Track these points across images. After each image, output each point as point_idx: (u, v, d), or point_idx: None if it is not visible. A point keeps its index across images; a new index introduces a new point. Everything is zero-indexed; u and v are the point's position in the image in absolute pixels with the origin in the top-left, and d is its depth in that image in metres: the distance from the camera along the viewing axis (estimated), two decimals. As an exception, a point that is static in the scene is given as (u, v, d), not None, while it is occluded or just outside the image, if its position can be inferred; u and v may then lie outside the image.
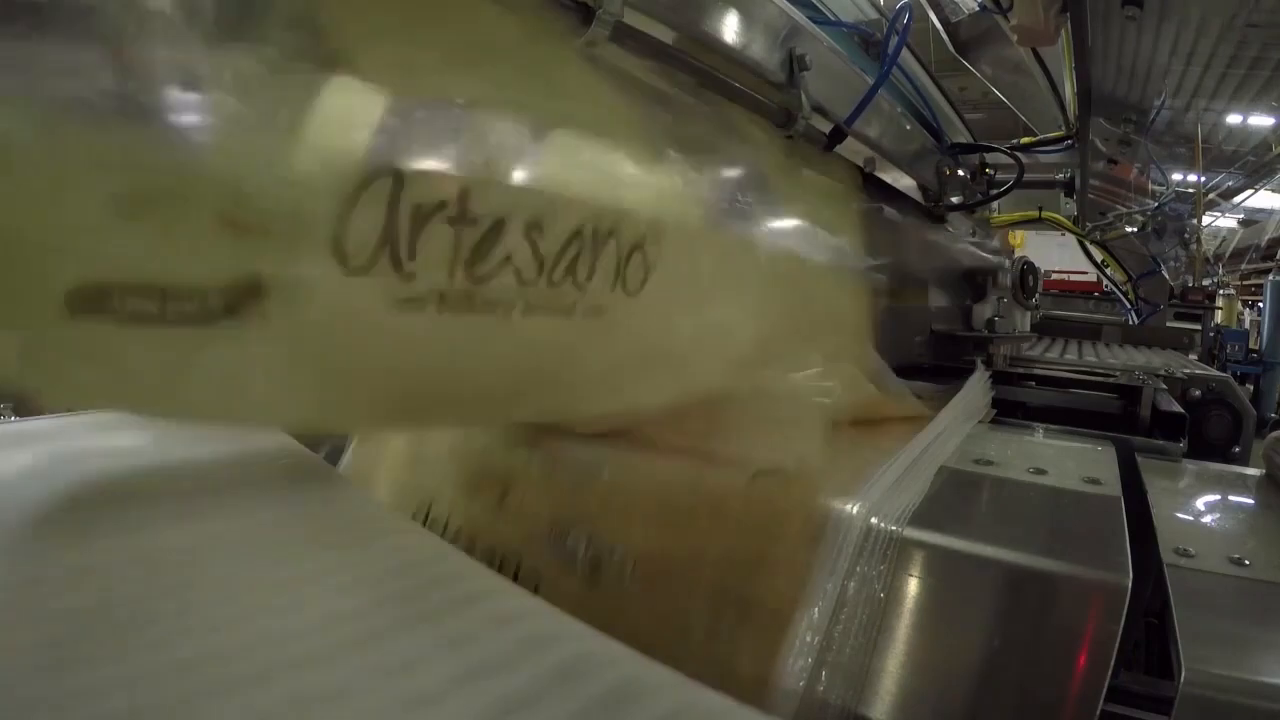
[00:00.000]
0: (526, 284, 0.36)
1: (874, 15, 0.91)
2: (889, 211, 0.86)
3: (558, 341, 0.40)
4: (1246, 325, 6.21)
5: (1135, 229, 2.00)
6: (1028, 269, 0.86)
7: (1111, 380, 0.78)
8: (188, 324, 0.26)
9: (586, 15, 0.43)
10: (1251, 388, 4.12)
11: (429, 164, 0.31)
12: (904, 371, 0.79)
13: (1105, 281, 2.45)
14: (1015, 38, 1.19)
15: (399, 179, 0.30)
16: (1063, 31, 1.18)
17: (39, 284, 0.24)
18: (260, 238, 0.27)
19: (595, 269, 0.39)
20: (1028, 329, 0.90)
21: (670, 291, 0.45)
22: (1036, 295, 0.87)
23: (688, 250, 0.47)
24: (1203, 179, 1.90)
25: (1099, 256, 2.18)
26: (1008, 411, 0.72)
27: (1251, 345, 4.92)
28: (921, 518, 0.38)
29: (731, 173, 0.55)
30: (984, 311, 0.85)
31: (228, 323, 0.27)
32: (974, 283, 0.86)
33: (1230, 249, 4.61)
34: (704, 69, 0.57)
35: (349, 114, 0.29)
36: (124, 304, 0.25)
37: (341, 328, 0.30)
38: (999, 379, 0.77)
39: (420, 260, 0.31)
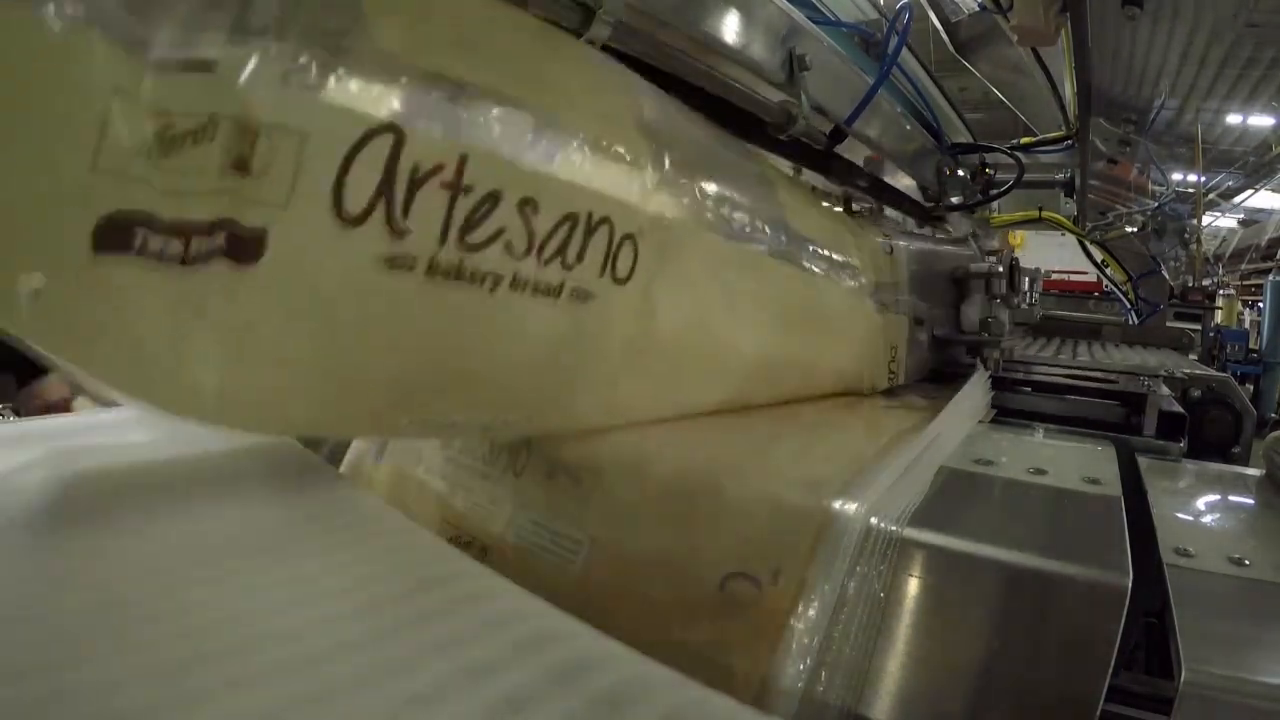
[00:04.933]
0: (516, 258, 0.37)
1: (874, 15, 0.91)
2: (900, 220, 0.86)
3: (544, 322, 0.40)
4: (1246, 325, 6.22)
5: (1135, 229, 2.00)
6: (1013, 265, 0.85)
7: (1114, 388, 0.78)
8: (195, 266, 0.27)
9: (587, 15, 0.43)
10: (1251, 388, 4.12)
11: (430, 130, 0.33)
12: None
13: (1105, 281, 2.45)
14: (1015, 38, 1.19)
15: (400, 139, 0.31)
16: (1063, 31, 1.18)
17: (70, 221, 0.25)
18: (265, 181, 0.28)
19: (585, 253, 0.40)
20: (1011, 326, 0.89)
21: (660, 288, 0.46)
22: (1023, 293, 0.87)
23: (682, 251, 0.47)
24: (1203, 179, 1.90)
25: (1099, 256, 2.17)
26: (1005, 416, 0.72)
27: (1251, 345, 4.93)
28: (921, 518, 0.38)
29: (737, 183, 0.55)
30: (972, 313, 0.84)
31: (231, 267, 0.28)
32: (959, 283, 0.85)
33: (1230, 249, 4.61)
34: (704, 69, 0.57)
35: (360, 79, 0.30)
36: (144, 242, 0.26)
37: (334, 281, 0.31)
38: (995, 385, 0.77)
39: (414, 220, 0.32)
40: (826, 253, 0.65)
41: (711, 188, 0.51)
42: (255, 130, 0.27)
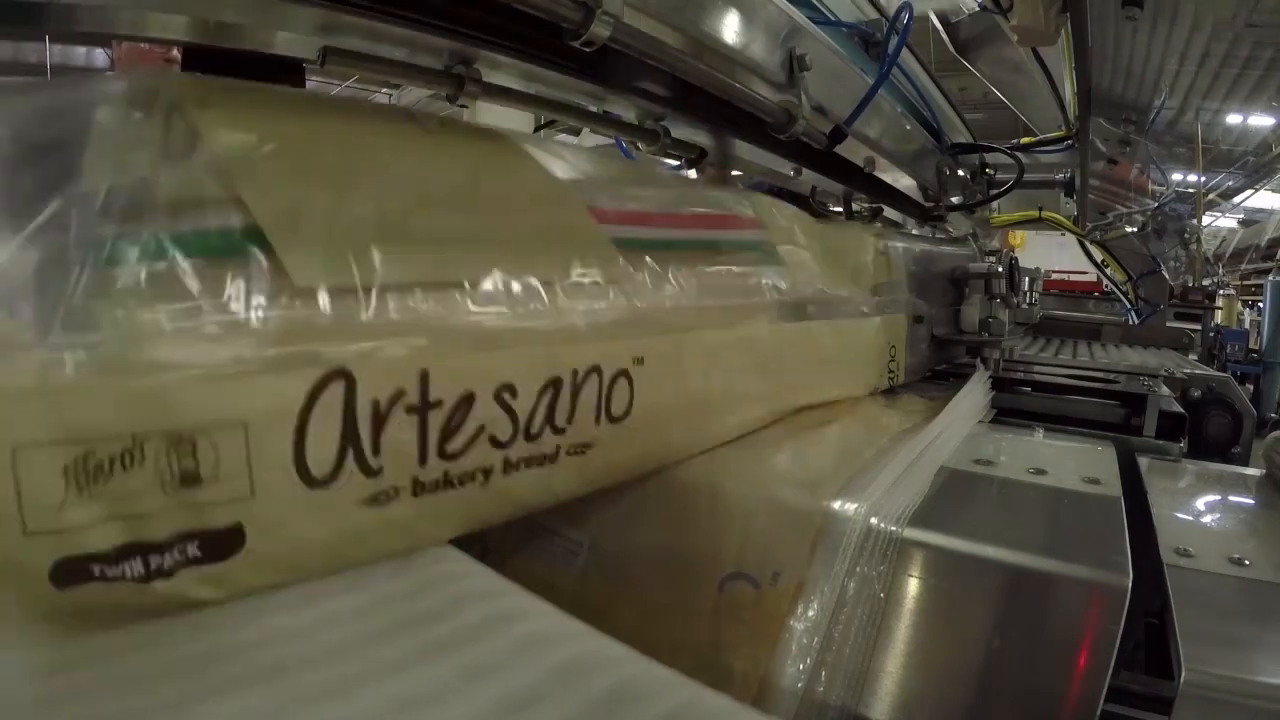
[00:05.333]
0: (504, 447, 0.34)
1: (874, 15, 0.91)
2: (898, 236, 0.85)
3: (545, 486, 0.38)
4: (1246, 325, 6.22)
5: (1135, 229, 2.00)
6: (1013, 265, 0.85)
7: (1115, 388, 0.78)
8: (174, 576, 0.25)
9: (587, 14, 0.43)
10: (1251, 388, 4.12)
11: (379, 361, 0.29)
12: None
13: (1105, 281, 2.45)
14: (1015, 38, 1.20)
15: (350, 385, 0.28)
16: (1063, 31, 1.18)
17: (24, 576, 0.23)
18: (220, 482, 0.25)
19: (576, 410, 0.37)
20: (1011, 326, 0.89)
21: (658, 404, 0.43)
22: (1024, 293, 0.87)
23: (674, 362, 0.44)
24: (1203, 179, 1.90)
25: (1099, 256, 2.18)
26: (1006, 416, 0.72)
27: (1251, 345, 4.93)
28: (921, 518, 0.38)
29: (721, 259, 0.52)
30: (972, 313, 0.84)
31: (214, 566, 0.26)
32: (958, 283, 0.85)
33: (1230, 249, 4.61)
34: (704, 69, 0.57)
35: (283, 334, 0.26)
36: (103, 572, 0.23)
37: (322, 537, 0.29)
38: (995, 386, 0.77)
39: (387, 458, 0.29)
40: (821, 287, 0.63)
41: (694, 279, 0.47)
42: (189, 439, 0.24)
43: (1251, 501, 0.51)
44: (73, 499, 0.22)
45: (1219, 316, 5.38)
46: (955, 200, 1.16)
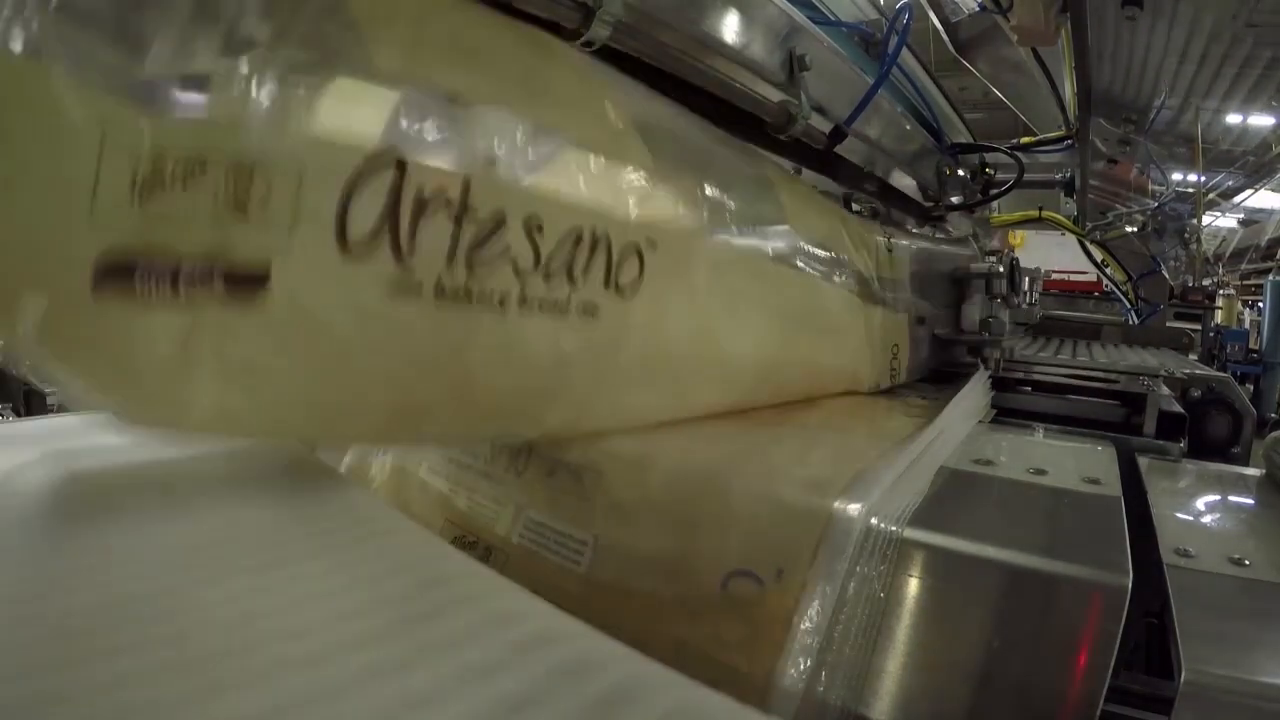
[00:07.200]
0: (523, 276, 0.37)
1: (874, 15, 0.91)
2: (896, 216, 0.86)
3: (553, 341, 0.40)
4: (1246, 325, 6.22)
5: (1135, 229, 2.00)
6: (1013, 265, 0.85)
7: (1115, 388, 0.78)
8: (195, 305, 0.27)
9: (587, 15, 0.43)
10: (1251, 388, 4.12)
11: (433, 157, 0.32)
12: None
13: (1105, 281, 2.45)
14: (1015, 38, 1.20)
15: (402, 166, 0.31)
16: (1063, 31, 1.18)
17: (69, 263, 0.25)
18: (264, 220, 0.27)
19: (590, 268, 0.40)
20: (1011, 326, 0.89)
21: (664, 297, 0.46)
22: (1024, 293, 0.87)
23: (684, 259, 0.47)
24: (1203, 179, 1.90)
25: (1099, 256, 2.18)
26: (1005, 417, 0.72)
27: (1251, 345, 4.93)
28: (921, 518, 0.38)
29: (737, 187, 0.55)
30: (972, 313, 0.84)
31: (231, 305, 0.28)
32: (959, 283, 0.85)
33: (1230, 249, 4.60)
34: (704, 69, 0.57)
35: (357, 104, 0.30)
36: (142, 282, 0.26)
37: (340, 313, 0.31)
38: (995, 385, 0.77)
39: (420, 249, 0.32)
40: (828, 254, 0.65)
41: (712, 193, 0.51)
42: (249, 170, 0.27)
43: (1251, 501, 0.51)
44: (138, 201, 0.25)
45: (1219, 316, 5.39)
46: (955, 200, 1.16)
